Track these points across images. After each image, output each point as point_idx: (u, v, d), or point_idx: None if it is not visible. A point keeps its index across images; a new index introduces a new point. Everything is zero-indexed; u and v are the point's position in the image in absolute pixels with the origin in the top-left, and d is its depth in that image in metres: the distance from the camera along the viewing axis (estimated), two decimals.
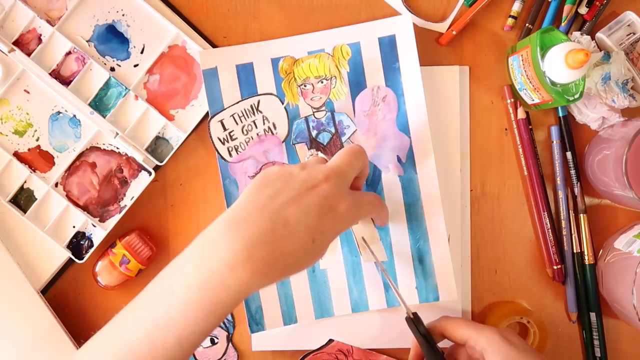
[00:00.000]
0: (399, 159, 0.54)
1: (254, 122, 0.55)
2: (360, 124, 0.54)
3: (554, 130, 0.55)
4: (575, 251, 0.55)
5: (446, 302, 0.54)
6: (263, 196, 0.42)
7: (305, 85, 0.55)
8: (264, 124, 0.55)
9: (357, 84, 0.54)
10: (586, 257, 0.55)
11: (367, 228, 0.54)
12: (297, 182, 0.42)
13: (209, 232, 0.41)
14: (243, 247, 0.39)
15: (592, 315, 0.55)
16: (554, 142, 0.55)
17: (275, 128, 0.55)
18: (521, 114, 0.54)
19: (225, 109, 0.54)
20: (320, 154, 0.54)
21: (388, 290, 0.54)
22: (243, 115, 0.54)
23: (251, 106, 0.54)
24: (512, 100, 0.55)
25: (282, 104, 0.55)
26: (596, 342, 0.55)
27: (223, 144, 0.54)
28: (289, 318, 0.54)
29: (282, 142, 0.55)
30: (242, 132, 0.55)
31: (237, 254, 0.39)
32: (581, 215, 0.55)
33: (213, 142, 0.54)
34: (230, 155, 0.55)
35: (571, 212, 0.55)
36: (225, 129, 0.54)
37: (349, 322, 0.55)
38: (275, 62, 0.55)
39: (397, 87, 0.54)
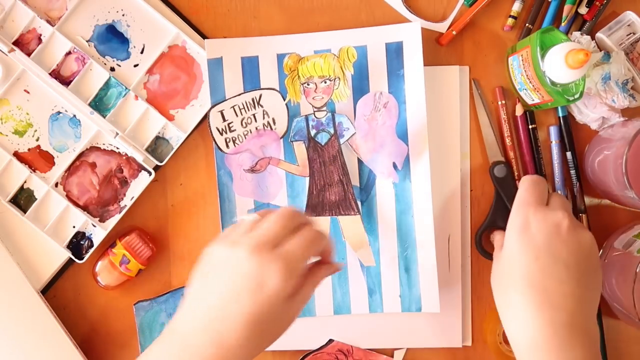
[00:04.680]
0: (394, 166, 0.54)
1: (254, 115, 0.55)
2: (359, 128, 0.54)
3: (554, 130, 0.55)
4: None
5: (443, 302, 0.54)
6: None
7: (308, 84, 0.55)
8: (263, 118, 0.55)
9: (360, 87, 0.54)
10: None
11: (357, 232, 0.54)
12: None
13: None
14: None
15: None
16: (554, 142, 0.55)
17: (274, 123, 0.55)
18: (519, 111, 0.54)
19: (226, 99, 0.54)
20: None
21: (372, 295, 0.54)
22: (244, 108, 0.54)
23: (252, 99, 0.54)
24: (503, 102, 0.55)
25: (284, 100, 0.55)
26: None
27: (221, 134, 0.54)
28: None
29: (280, 138, 0.55)
30: (241, 124, 0.54)
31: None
32: (581, 215, 0.55)
33: (211, 132, 0.54)
34: (228, 146, 0.55)
35: None
36: (224, 120, 0.54)
37: (349, 322, 0.55)
38: (280, 57, 0.55)
39: (399, 94, 0.54)
